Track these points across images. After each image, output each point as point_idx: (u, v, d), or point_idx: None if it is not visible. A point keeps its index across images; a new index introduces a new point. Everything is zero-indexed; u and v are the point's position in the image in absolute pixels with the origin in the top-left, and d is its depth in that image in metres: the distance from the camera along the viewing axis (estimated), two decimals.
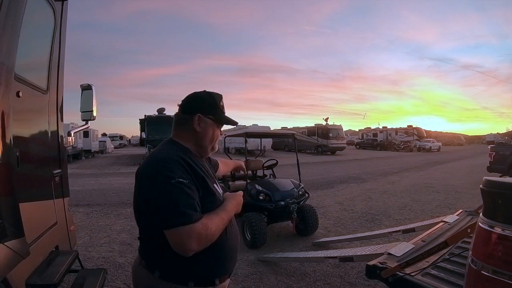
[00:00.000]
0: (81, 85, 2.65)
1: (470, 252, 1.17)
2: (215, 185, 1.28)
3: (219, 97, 1.34)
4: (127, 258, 3.94)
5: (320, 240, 4.46)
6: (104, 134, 38.67)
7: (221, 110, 1.32)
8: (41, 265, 1.91)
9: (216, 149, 1.38)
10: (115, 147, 38.48)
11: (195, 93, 1.33)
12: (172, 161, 1.11)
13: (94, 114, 2.62)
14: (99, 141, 28.24)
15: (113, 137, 45.26)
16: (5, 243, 1.42)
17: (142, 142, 20.77)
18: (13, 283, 1.47)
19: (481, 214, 1.19)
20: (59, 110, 2.50)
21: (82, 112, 2.62)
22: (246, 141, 5.18)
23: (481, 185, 1.20)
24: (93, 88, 2.60)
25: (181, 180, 1.07)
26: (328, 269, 3.55)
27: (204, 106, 1.28)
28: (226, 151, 8.92)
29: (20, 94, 1.80)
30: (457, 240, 1.81)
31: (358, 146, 40.98)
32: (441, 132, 70.59)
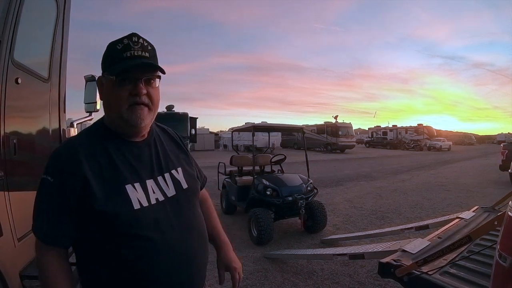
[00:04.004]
0: (85, 76, 2.60)
1: (498, 247, 1.04)
2: (142, 182, 0.92)
3: (120, 40, 0.90)
4: None
5: (329, 237, 4.34)
6: None
7: (121, 56, 0.89)
8: None
9: (141, 114, 0.91)
10: None
11: None
12: (57, 152, 0.92)
13: (98, 106, 2.57)
14: None
15: None
16: None
17: None
18: (6, 274, 1.40)
19: (510, 202, 1.07)
20: (62, 100, 2.45)
21: (85, 103, 2.57)
22: (253, 134, 5.08)
23: (509, 170, 1.07)
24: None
25: (47, 178, 0.87)
26: (336, 267, 3.44)
27: (102, 64, 0.94)
28: (235, 148, 8.83)
29: (19, 80, 1.74)
30: (482, 233, 1.67)
31: (367, 145, 40.50)
32: (452, 131, 69.39)
